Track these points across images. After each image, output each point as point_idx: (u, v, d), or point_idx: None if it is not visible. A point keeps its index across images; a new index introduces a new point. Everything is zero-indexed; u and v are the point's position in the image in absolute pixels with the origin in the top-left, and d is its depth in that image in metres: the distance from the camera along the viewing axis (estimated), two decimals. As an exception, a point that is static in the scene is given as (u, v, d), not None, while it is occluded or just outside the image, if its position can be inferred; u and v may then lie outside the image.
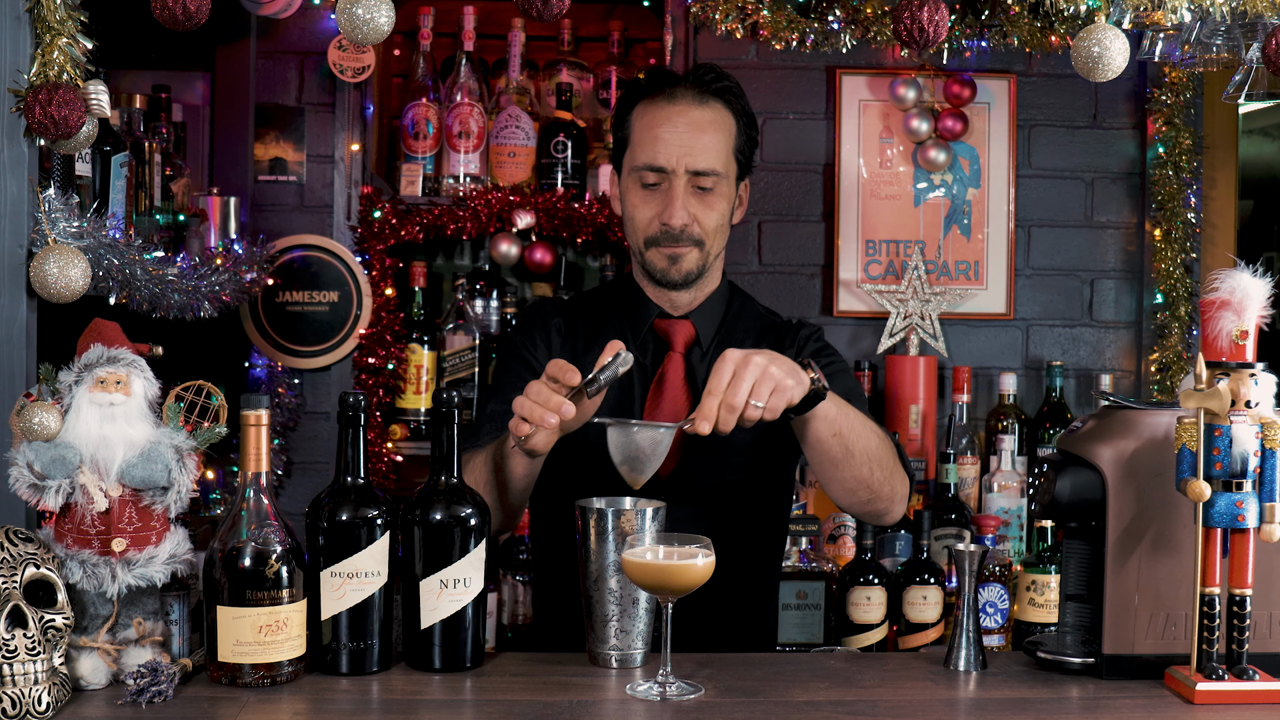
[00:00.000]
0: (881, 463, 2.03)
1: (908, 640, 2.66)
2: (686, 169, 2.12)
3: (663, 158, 2.12)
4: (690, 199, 2.13)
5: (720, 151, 2.14)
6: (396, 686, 1.68)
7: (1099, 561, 1.75)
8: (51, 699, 1.50)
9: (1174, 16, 2.01)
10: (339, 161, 3.16)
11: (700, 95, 2.15)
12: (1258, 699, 1.64)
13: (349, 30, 1.84)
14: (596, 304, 2.32)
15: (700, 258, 2.16)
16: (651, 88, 2.18)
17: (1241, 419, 1.63)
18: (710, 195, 2.14)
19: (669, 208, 2.12)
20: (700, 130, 2.13)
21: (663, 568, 1.68)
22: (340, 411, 1.72)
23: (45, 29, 1.84)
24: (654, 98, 2.16)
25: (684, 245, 2.14)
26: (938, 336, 3.18)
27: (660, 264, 2.16)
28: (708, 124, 2.14)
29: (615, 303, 2.28)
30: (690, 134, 2.12)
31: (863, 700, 1.65)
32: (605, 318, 2.26)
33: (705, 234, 2.15)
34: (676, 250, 2.15)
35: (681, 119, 2.13)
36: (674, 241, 2.14)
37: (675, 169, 2.12)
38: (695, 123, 2.13)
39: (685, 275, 2.17)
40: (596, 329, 2.24)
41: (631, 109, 2.19)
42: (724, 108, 2.16)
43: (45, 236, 1.88)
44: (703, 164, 2.12)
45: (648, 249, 2.17)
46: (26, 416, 1.60)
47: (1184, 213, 3.21)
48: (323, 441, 3.17)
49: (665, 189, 2.13)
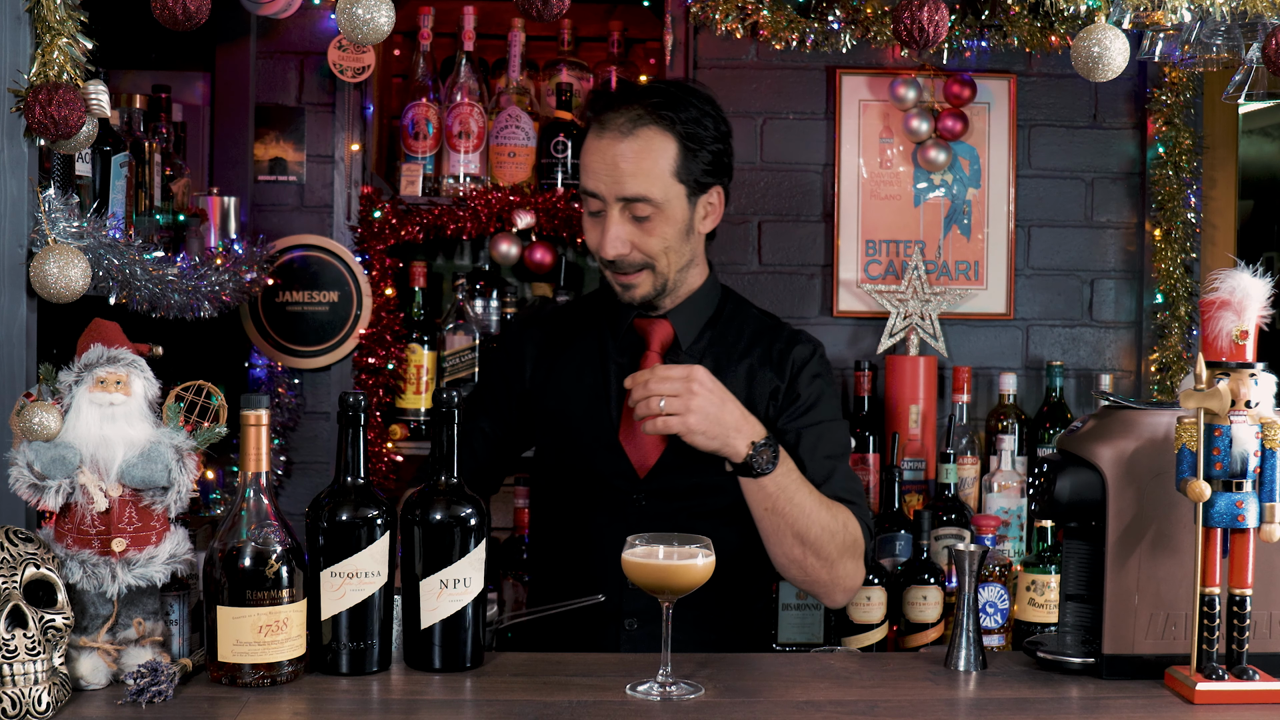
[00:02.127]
0: (822, 552, 2.07)
1: (908, 640, 2.66)
2: (616, 196, 2.12)
3: (593, 184, 2.14)
4: (628, 226, 2.14)
5: (653, 177, 2.12)
6: (396, 686, 1.68)
7: (1099, 561, 1.75)
8: (51, 699, 1.50)
9: (1174, 16, 2.01)
10: (339, 161, 3.16)
11: (631, 123, 2.13)
12: (1258, 699, 1.64)
13: (349, 30, 1.84)
14: (577, 313, 2.35)
15: (654, 280, 2.18)
16: (590, 112, 2.19)
17: (1241, 419, 1.63)
18: (649, 222, 2.14)
19: (603, 236, 2.14)
20: (626, 159, 2.12)
21: (663, 568, 1.68)
22: (340, 411, 1.72)
23: (45, 29, 1.84)
24: (591, 125, 2.18)
25: (630, 273, 2.16)
26: (938, 336, 3.18)
27: (616, 289, 2.20)
28: (636, 152, 2.12)
29: (597, 307, 2.31)
30: (617, 163, 2.12)
31: (863, 700, 1.65)
32: (585, 323, 2.29)
33: (651, 257, 2.15)
34: (627, 279, 2.17)
35: (612, 150, 2.13)
36: (618, 269, 2.16)
37: (606, 196, 2.13)
38: (623, 154, 2.12)
39: (642, 298, 2.19)
40: (576, 334, 2.28)
41: (586, 133, 2.21)
42: (659, 131, 2.13)
43: (45, 236, 1.88)
44: (630, 190, 2.12)
45: (605, 269, 2.20)
46: (26, 416, 1.60)
47: (1184, 213, 3.20)
48: (323, 441, 3.17)
49: (603, 217, 2.16)
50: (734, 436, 1.97)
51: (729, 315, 2.29)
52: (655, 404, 1.94)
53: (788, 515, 2.03)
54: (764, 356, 2.24)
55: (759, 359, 2.24)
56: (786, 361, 2.24)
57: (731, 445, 1.97)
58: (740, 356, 2.24)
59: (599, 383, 2.21)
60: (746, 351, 2.25)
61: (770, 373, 2.23)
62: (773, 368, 2.23)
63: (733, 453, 1.98)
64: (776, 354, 2.25)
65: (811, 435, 2.18)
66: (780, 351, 2.26)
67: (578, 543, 2.19)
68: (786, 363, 2.24)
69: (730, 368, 2.22)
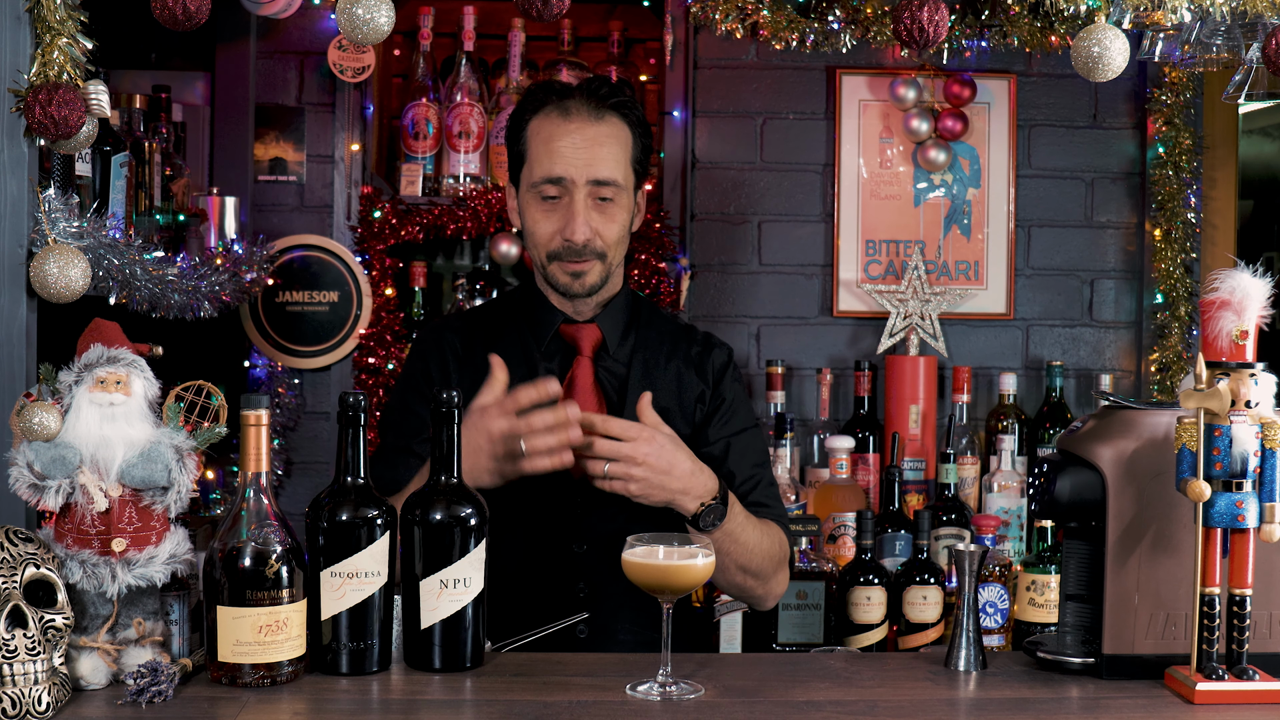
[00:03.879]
0: (761, 574, 2.14)
1: (908, 640, 2.66)
2: (586, 180, 2.12)
3: (560, 168, 2.12)
4: (591, 212, 2.14)
5: (619, 162, 2.15)
6: (396, 686, 1.68)
7: (1099, 561, 1.75)
8: (51, 699, 1.50)
9: (1174, 16, 2.01)
10: (339, 161, 3.16)
11: (596, 109, 2.15)
12: (1258, 699, 1.64)
13: (349, 30, 1.84)
14: (494, 316, 2.32)
15: (603, 269, 2.17)
16: (545, 101, 2.17)
17: (1241, 419, 1.63)
18: (611, 206, 2.15)
19: (571, 223, 2.12)
20: (598, 143, 2.13)
21: (663, 568, 1.68)
22: (340, 411, 1.72)
23: (45, 29, 1.84)
24: (548, 113, 2.16)
25: (587, 260, 2.15)
26: (938, 336, 3.18)
27: (563, 279, 2.17)
28: (605, 137, 2.14)
29: (515, 312, 2.28)
30: (588, 146, 2.12)
31: (863, 700, 1.65)
32: (504, 329, 2.26)
33: (607, 246, 2.16)
34: (579, 266, 2.15)
35: (581, 134, 2.13)
36: (576, 257, 2.14)
37: (575, 180, 2.12)
38: (592, 136, 2.13)
39: (589, 288, 2.18)
40: (495, 340, 2.22)
41: (526, 124, 2.18)
42: (620, 120, 2.16)
43: (45, 236, 1.88)
44: (603, 173, 2.12)
45: (550, 263, 2.17)
46: (26, 416, 1.60)
47: (1184, 213, 3.21)
48: (323, 441, 3.17)
49: (566, 203, 2.14)
50: (681, 498, 1.99)
51: (645, 319, 2.30)
52: (599, 466, 1.95)
53: (733, 554, 2.07)
54: (685, 359, 2.26)
55: (683, 362, 2.26)
56: (706, 366, 2.27)
57: (679, 505, 1.99)
58: (666, 359, 2.25)
59: None
60: (671, 354, 2.26)
61: (694, 376, 2.25)
62: (695, 371, 2.26)
63: (681, 510, 2.00)
64: (696, 357, 2.27)
65: (739, 444, 2.22)
66: (699, 354, 2.27)
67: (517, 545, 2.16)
68: (707, 367, 2.27)
69: (658, 370, 2.23)
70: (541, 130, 2.15)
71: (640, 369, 2.21)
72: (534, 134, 2.16)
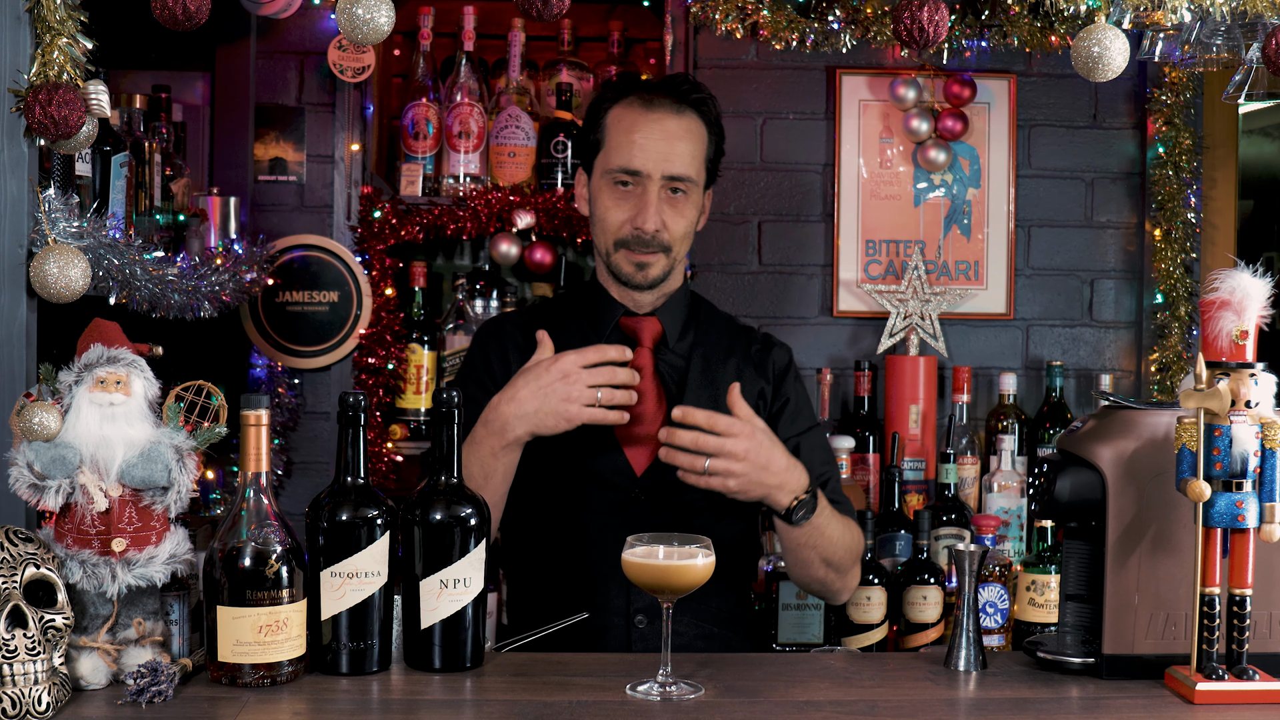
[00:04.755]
0: (841, 568, 2.18)
1: (908, 640, 2.66)
2: (662, 174, 2.15)
3: (639, 161, 2.15)
4: (663, 205, 2.17)
5: (695, 159, 2.19)
6: (396, 686, 1.68)
7: (1099, 561, 1.75)
8: (51, 699, 1.50)
9: (1174, 16, 2.01)
10: (339, 161, 3.16)
11: (677, 105, 2.19)
12: (1258, 699, 1.64)
13: (349, 30, 1.84)
14: (555, 310, 2.35)
15: (667, 263, 2.20)
16: (628, 92, 2.21)
17: (1241, 419, 1.63)
18: (682, 201, 2.18)
19: (642, 212, 2.15)
20: (677, 138, 2.17)
21: (663, 568, 1.68)
22: (340, 411, 1.72)
23: (45, 29, 1.84)
24: (630, 103, 2.19)
25: (653, 251, 2.18)
26: (938, 336, 3.18)
27: (627, 269, 2.20)
28: (684, 132, 2.18)
29: (576, 307, 2.31)
30: (667, 140, 2.16)
31: (863, 700, 1.65)
32: (565, 322, 2.28)
33: (673, 240, 2.19)
34: (645, 257, 2.18)
35: (659, 126, 2.16)
36: (644, 247, 2.17)
37: (651, 173, 2.15)
38: (672, 130, 2.17)
39: (652, 281, 2.21)
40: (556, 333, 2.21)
41: (606, 112, 2.22)
42: (699, 118, 2.20)
43: (45, 236, 1.88)
44: (678, 169, 2.16)
45: (616, 250, 2.20)
46: (26, 416, 1.60)
47: (1184, 213, 3.21)
48: (323, 441, 3.17)
49: (639, 193, 2.17)
50: (776, 493, 2.03)
51: (705, 316, 2.33)
52: (699, 462, 1.97)
53: (819, 548, 2.12)
54: (745, 356, 2.29)
55: (742, 358, 2.28)
56: (768, 364, 2.29)
57: (773, 500, 2.03)
58: (725, 354, 2.27)
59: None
60: (730, 350, 2.28)
61: (754, 373, 2.27)
62: (756, 369, 2.28)
63: (774, 505, 2.04)
64: (756, 355, 2.30)
65: (808, 443, 2.25)
66: (759, 354, 2.30)
67: (573, 543, 2.18)
68: (768, 365, 2.29)
69: (718, 365, 2.25)
70: (623, 119, 2.19)
71: (700, 363, 2.24)
72: (614, 121, 2.20)
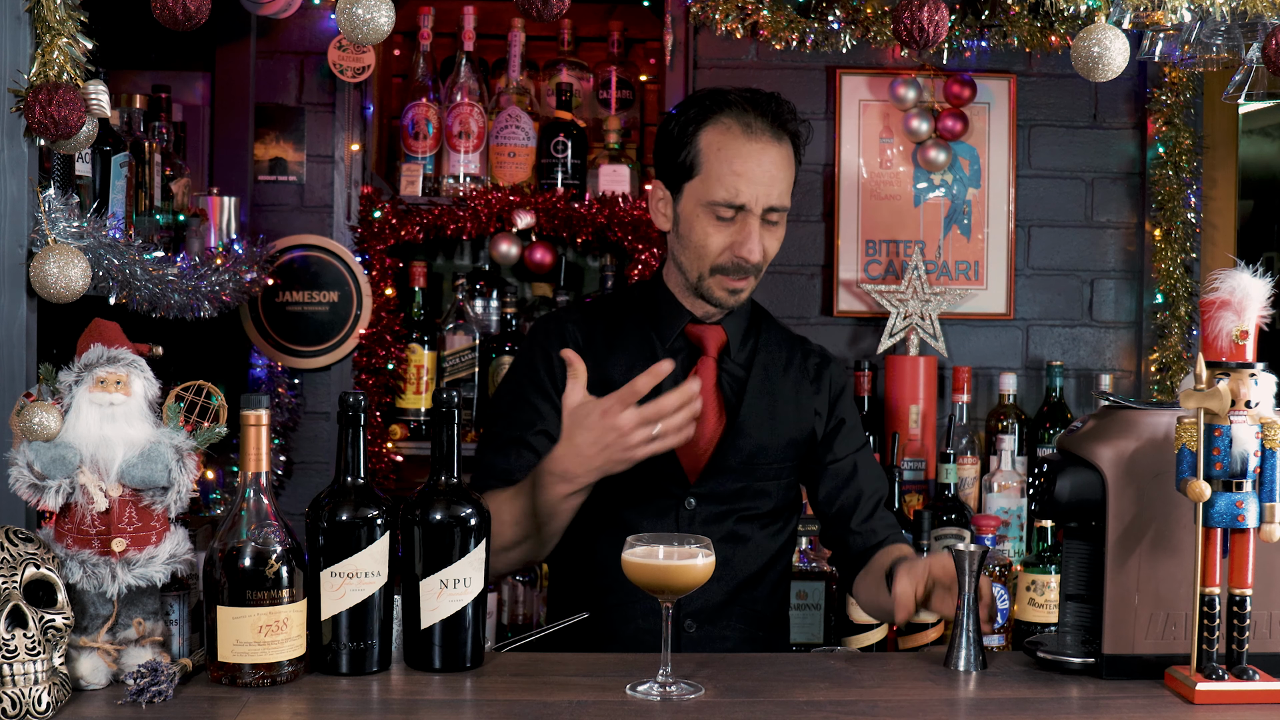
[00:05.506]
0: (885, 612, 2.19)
1: (908, 640, 2.66)
2: (767, 207, 2.13)
3: (745, 197, 2.11)
4: (764, 233, 2.15)
5: (789, 187, 2.17)
6: (396, 686, 1.68)
7: (1099, 561, 1.75)
8: (51, 699, 1.50)
9: (1174, 16, 2.01)
10: (339, 161, 3.16)
11: (777, 133, 2.14)
12: (1258, 699, 1.64)
13: (349, 30, 1.84)
14: (616, 309, 2.31)
15: (755, 285, 2.21)
16: (721, 110, 2.14)
17: (1241, 419, 1.63)
18: (777, 228, 2.17)
19: (746, 242, 2.12)
20: (778, 168, 2.13)
21: (663, 568, 1.68)
22: (340, 411, 1.72)
23: (45, 29, 1.84)
24: (728, 127, 2.13)
25: (748, 277, 2.17)
26: (938, 336, 3.18)
27: (719, 293, 2.18)
28: (784, 162, 2.15)
29: (638, 308, 2.28)
30: (771, 172, 2.12)
31: (863, 700, 1.65)
32: (625, 322, 2.26)
33: (766, 264, 2.19)
34: (740, 284, 2.17)
35: (764, 157, 2.12)
36: (741, 274, 2.16)
37: (754, 208, 2.12)
38: (774, 161, 2.13)
39: (741, 303, 2.22)
40: (616, 333, 2.24)
41: (697, 134, 2.14)
42: (791, 145, 2.17)
43: (45, 236, 1.88)
44: (778, 201, 2.14)
45: (711, 275, 2.16)
46: (26, 416, 1.60)
47: (1184, 213, 3.21)
48: (323, 441, 3.17)
49: (740, 222, 2.13)
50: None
51: (765, 326, 2.33)
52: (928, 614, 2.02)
53: None
54: (802, 370, 2.29)
55: (799, 371, 2.29)
56: (824, 381, 2.30)
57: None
58: (784, 366, 2.28)
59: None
60: (788, 363, 2.29)
61: (810, 388, 2.28)
62: (813, 384, 2.29)
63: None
64: (814, 369, 2.30)
65: (863, 462, 2.30)
66: (817, 367, 2.31)
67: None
68: (824, 383, 2.30)
69: (778, 377, 2.26)
70: (723, 147, 2.12)
71: (760, 374, 2.24)
72: (711, 147, 2.13)
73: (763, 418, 2.20)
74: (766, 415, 2.21)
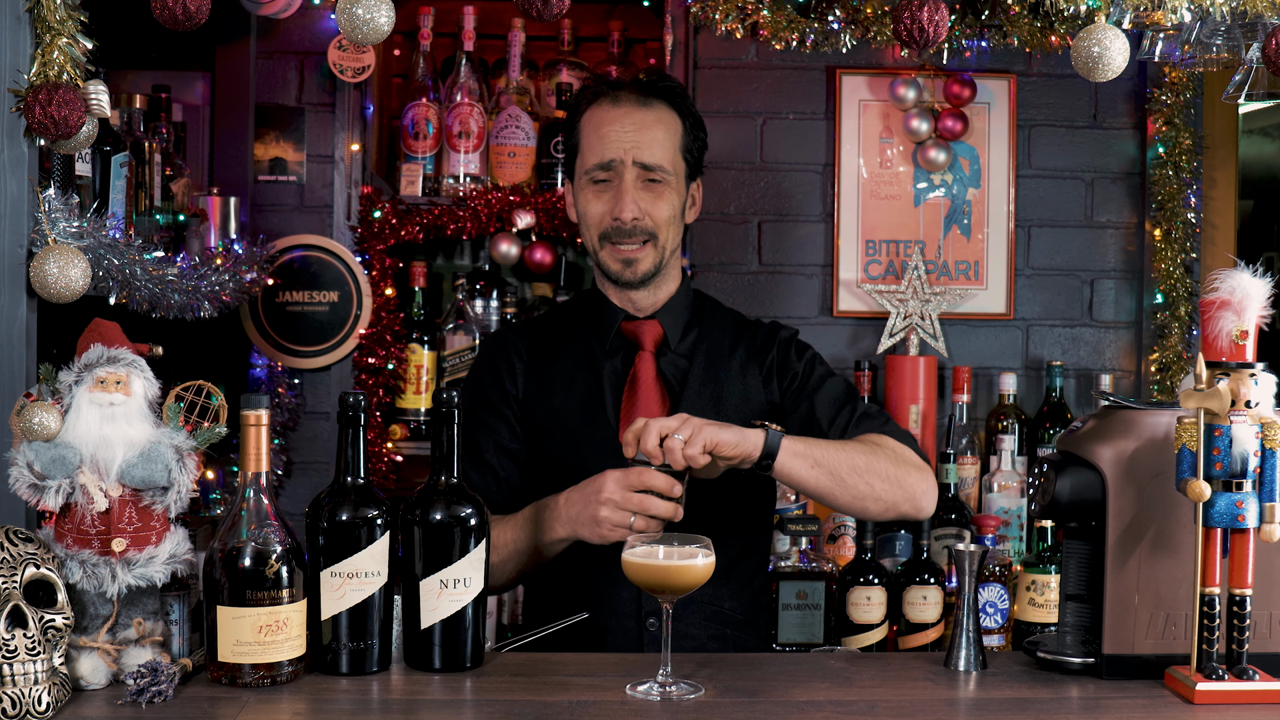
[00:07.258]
0: (880, 473, 2.07)
1: (908, 640, 2.66)
2: (634, 161, 2.17)
3: (610, 151, 2.17)
4: (640, 193, 2.18)
5: (666, 148, 2.20)
6: (396, 686, 1.68)
7: (1099, 561, 1.75)
8: (51, 699, 1.50)
9: (1174, 16, 2.01)
10: (339, 161, 3.16)
11: (643, 96, 2.21)
12: (1258, 699, 1.64)
13: (349, 30, 1.84)
14: (558, 320, 2.35)
15: (655, 255, 2.21)
16: (598, 94, 2.23)
17: (1241, 419, 1.63)
18: (660, 188, 2.19)
19: (619, 201, 2.17)
20: (645, 127, 2.19)
21: (663, 568, 1.68)
22: (340, 411, 1.72)
23: (45, 29, 1.84)
24: (599, 102, 2.22)
25: (636, 242, 2.18)
26: (938, 336, 3.18)
27: (614, 265, 2.21)
28: (652, 121, 2.20)
29: (577, 315, 2.32)
30: (636, 130, 2.18)
31: (863, 700, 1.65)
32: (567, 331, 2.29)
33: (657, 226, 2.19)
34: (630, 251, 2.19)
35: (629, 118, 2.19)
36: (626, 237, 2.18)
37: (623, 160, 2.17)
38: (640, 120, 2.19)
39: (642, 276, 2.21)
40: (560, 342, 2.28)
41: (579, 117, 2.24)
42: (668, 108, 2.22)
43: (45, 236, 1.88)
44: (649, 158, 2.18)
45: (602, 247, 2.21)
46: (26, 416, 1.60)
47: (1184, 213, 3.20)
48: (323, 441, 3.17)
49: (615, 184, 2.18)
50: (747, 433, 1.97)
51: (708, 314, 2.33)
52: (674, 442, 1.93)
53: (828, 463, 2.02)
54: (749, 351, 2.29)
55: (745, 354, 2.28)
56: (772, 345, 2.29)
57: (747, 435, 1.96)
58: (729, 353, 2.27)
59: (593, 387, 2.22)
60: (733, 349, 2.28)
61: (756, 366, 2.27)
62: (758, 360, 2.28)
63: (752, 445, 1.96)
64: (761, 341, 2.30)
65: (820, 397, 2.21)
66: (764, 339, 2.30)
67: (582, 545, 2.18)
68: (772, 346, 2.29)
69: (722, 361, 2.26)
70: (593, 119, 2.22)
71: (703, 360, 2.25)
72: (586, 124, 2.23)
73: (706, 404, 2.19)
74: (710, 401, 2.20)
